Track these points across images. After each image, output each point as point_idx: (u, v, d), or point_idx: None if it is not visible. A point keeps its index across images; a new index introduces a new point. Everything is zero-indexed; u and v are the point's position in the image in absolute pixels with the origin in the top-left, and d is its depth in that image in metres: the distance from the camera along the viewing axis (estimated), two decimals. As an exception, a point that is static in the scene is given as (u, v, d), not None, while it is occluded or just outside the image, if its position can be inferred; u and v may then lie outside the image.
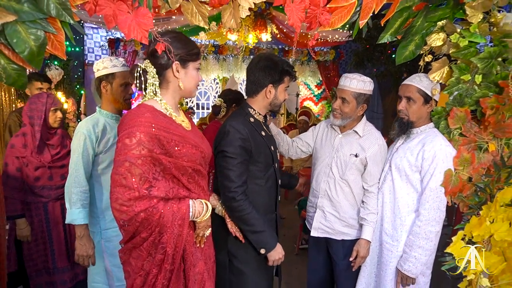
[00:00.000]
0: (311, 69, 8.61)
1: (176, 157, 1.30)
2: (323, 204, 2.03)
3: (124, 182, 1.19)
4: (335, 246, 2.04)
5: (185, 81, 1.37)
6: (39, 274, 2.39)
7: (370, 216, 1.91)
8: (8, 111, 4.28)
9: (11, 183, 2.24)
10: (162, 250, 1.27)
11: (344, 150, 1.97)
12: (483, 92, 1.68)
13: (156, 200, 1.23)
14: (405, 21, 1.61)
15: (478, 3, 1.49)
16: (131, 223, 1.22)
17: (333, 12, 1.49)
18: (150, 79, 1.33)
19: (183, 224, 1.29)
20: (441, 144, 1.73)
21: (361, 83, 1.88)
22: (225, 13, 1.42)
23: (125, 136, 1.22)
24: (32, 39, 1.20)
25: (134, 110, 1.31)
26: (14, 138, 2.31)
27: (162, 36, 1.30)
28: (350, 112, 1.91)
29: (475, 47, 1.63)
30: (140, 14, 1.25)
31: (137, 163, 1.20)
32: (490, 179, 1.71)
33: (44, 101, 2.29)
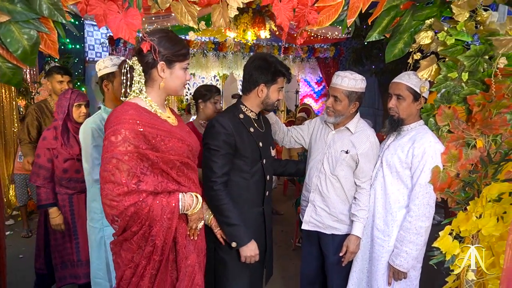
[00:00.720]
0: (311, 66, 8.62)
1: (162, 151, 1.33)
2: (314, 198, 2.07)
3: (113, 178, 1.22)
4: (325, 240, 2.08)
5: (170, 81, 1.39)
6: (64, 266, 2.45)
7: (361, 213, 1.94)
8: (8, 108, 4.33)
9: (43, 173, 2.33)
10: (152, 243, 1.31)
11: (335, 146, 2.00)
12: (470, 89, 1.71)
13: (145, 195, 1.26)
14: (392, 20, 1.63)
15: (464, 1, 1.52)
16: (121, 218, 1.25)
17: (321, 11, 1.52)
18: (136, 77, 1.36)
19: (173, 218, 1.32)
20: (431, 141, 1.76)
21: (352, 81, 1.89)
22: (215, 13, 1.45)
23: (111, 134, 1.25)
24: (25, 38, 1.23)
25: (119, 108, 1.33)
26: (46, 131, 2.41)
27: (151, 35, 1.32)
28: (342, 110, 1.94)
29: (462, 45, 1.65)
30: (129, 14, 1.29)
31: (123, 159, 1.23)
32: (477, 175, 1.74)
33: (68, 97, 2.37)
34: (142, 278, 1.34)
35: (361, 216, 1.94)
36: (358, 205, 1.96)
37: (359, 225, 1.94)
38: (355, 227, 1.95)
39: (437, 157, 1.75)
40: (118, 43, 6.90)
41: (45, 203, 2.34)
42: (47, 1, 1.22)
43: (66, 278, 2.46)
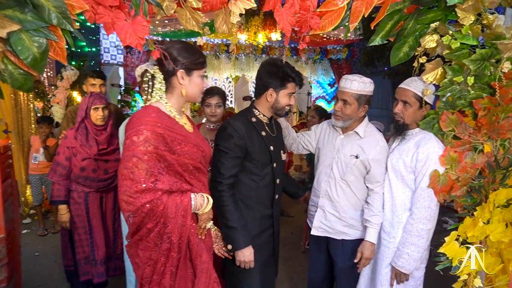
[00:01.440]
0: (324, 67, 8.58)
1: (178, 154, 1.39)
2: (323, 204, 2.05)
3: (132, 176, 1.27)
4: (334, 246, 2.06)
5: (188, 88, 1.47)
6: (87, 261, 2.52)
7: (374, 218, 1.91)
8: (26, 110, 4.47)
9: (60, 170, 2.41)
10: (168, 240, 1.35)
11: (344, 151, 1.98)
12: (477, 93, 1.69)
13: (160, 193, 1.31)
14: (396, 24, 1.63)
15: (469, 5, 1.50)
16: (137, 214, 1.30)
17: (323, 16, 1.53)
18: (157, 84, 1.43)
19: (186, 215, 1.38)
20: (434, 147, 1.77)
21: (361, 84, 1.87)
22: (218, 19, 1.48)
23: (133, 134, 1.30)
24: (35, 46, 1.29)
25: (141, 110, 1.41)
26: (69, 131, 2.51)
27: (170, 45, 1.41)
28: (351, 113, 1.91)
29: (468, 48, 1.63)
30: (136, 22, 1.33)
31: (143, 159, 1.28)
32: (485, 180, 1.72)
33: (86, 101, 2.45)
34: (163, 275, 1.38)
35: (374, 222, 1.91)
36: (371, 210, 1.93)
37: (373, 231, 1.91)
38: (369, 233, 1.92)
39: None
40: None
41: (56, 199, 2.42)
42: (55, 10, 1.27)
43: (89, 272, 2.52)
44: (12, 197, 2.13)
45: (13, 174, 2.18)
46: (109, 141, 2.52)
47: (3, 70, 1.29)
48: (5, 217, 1.91)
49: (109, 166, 2.49)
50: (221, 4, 1.43)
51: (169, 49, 1.42)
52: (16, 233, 2.21)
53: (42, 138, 3.81)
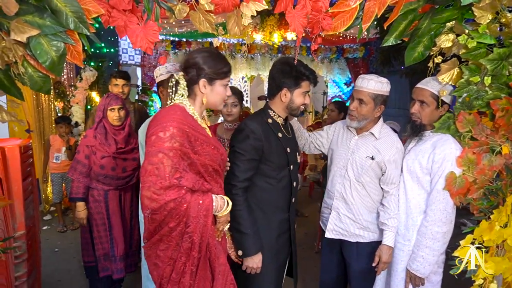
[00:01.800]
0: (340, 66, 8.50)
1: (200, 154, 1.40)
2: (338, 206, 2.02)
3: (157, 172, 1.26)
4: (349, 249, 2.02)
5: (210, 97, 1.49)
6: (106, 258, 2.58)
7: (391, 221, 1.88)
8: (47, 110, 4.61)
9: (79, 168, 2.48)
10: (190, 239, 1.34)
11: (360, 152, 1.94)
12: (495, 93, 1.64)
13: (184, 191, 1.31)
14: (410, 24, 1.60)
15: (486, 3, 1.47)
16: (159, 212, 1.28)
17: (336, 17, 1.52)
18: (180, 90, 1.46)
19: (208, 215, 1.37)
20: (451, 148, 1.73)
21: (378, 84, 1.84)
22: (230, 21, 1.49)
23: (159, 130, 1.31)
24: (53, 50, 1.33)
25: (168, 108, 1.43)
26: (89, 130, 2.58)
27: (196, 53, 1.45)
28: (367, 113, 1.88)
29: (485, 48, 1.59)
30: (148, 26, 1.36)
31: (169, 155, 1.28)
32: (502, 183, 1.67)
33: (103, 102, 2.52)
34: (183, 275, 1.37)
35: (391, 225, 1.88)
36: (387, 213, 1.89)
37: (390, 234, 1.88)
38: (386, 236, 1.89)
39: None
40: (150, 47, 7.10)
41: (74, 196, 2.49)
42: (73, 15, 1.31)
43: (108, 269, 2.59)
44: (33, 195, 2.21)
45: (33, 172, 2.26)
46: (127, 141, 2.57)
47: (23, 73, 1.34)
48: (26, 214, 1.98)
49: (127, 164, 2.55)
50: (233, 6, 1.44)
51: (194, 57, 1.44)
52: (36, 230, 2.29)
53: (65, 139, 3.92)
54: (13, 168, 1.88)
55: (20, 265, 1.92)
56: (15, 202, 1.90)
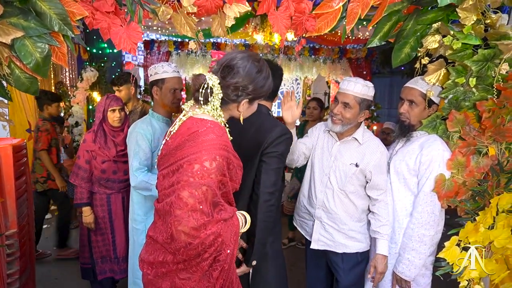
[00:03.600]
0: (343, 67, 8.46)
1: (233, 180, 1.29)
2: (320, 215, 1.94)
3: (200, 207, 1.12)
4: (335, 261, 1.95)
5: (244, 114, 1.34)
6: (104, 261, 2.59)
7: (383, 229, 1.81)
8: (49, 110, 4.65)
9: (81, 173, 2.49)
10: (220, 268, 1.22)
11: (343, 159, 1.86)
12: (481, 95, 1.64)
13: (221, 223, 1.19)
14: (395, 25, 1.60)
15: (470, 5, 1.46)
16: (197, 246, 1.14)
17: (319, 18, 1.53)
18: (214, 101, 1.24)
19: (236, 239, 1.26)
20: (439, 149, 1.72)
21: (365, 88, 1.77)
22: (214, 22, 1.51)
23: (206, 159, 1.14)
24: (38, 51, 1.36)
25: (212, 129, 1.21)
26: (87, 134, 2.57)
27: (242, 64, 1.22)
28: (351, 118, 1.80)
29: (471, 49, 1.59)
30: (131, 28, 1.38)
31: (213, 187, 1.15)
32: (488, 184, 1.67)
33: (103, 103, 2.51)
34: None
35: (384, 233, 1.81)
36: (379, 220, 1.83)
37: (383, 242, 1.81)
38: (380, 245, 1.81)
39: (445, 165, 1.71)
40: (153, 47, 7.18)
41: (79, 202, 2.49)
42: (57, 17, 1.34)
43: (106, 272, 2.60)
44: (27, 193, 2.24)
45: (28, 172, 2.30)
46: (125, 142, 2.53)
47: (8, 74, 1.37)
48: (18, 212, 2.02)
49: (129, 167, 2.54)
50: (216, 8, 1.45)
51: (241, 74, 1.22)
52: (31, 228, 2.33)
53: (60, 138, 3.96)
54: (5, 167, 1.91)
55: (12, 263, 1.95)
56: (7, 200, 1.93)
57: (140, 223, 2.03)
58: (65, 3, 1.35)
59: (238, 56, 1.24)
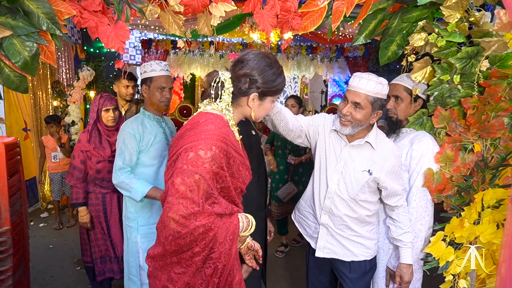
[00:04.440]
0: (340, 65, 8.48)
1: (235, 177, 1.28)
2: (327, 222, 1.79)
3: (190, 195, 1.12)
4: (341, 269, 1.84)
5: (256, 111, 1.32)
6: (103, 261, 2.59)
7: (405, 236, 1.69)
8: (45, 109, 4.68)
9: (76, 174, 2.49)
10: (213, 266, 1.22)
11: (354, 165, 1.68)
12: (466, 92, 1.66)
13: (214, 216, 1.18)
14: (380, 23, 1.62)
15: (453, 3, 1.48)
16: (185, 236, 1.14)
17: (305, 17, 1.55)
18: (225, 95, 1.27)
19: (234, 239, 1.24)
20: (429, 144, 1.74)
21: (379, 85, 1.55)
22: (200, 21, 1.53)
23: (201, 147, 1.15)
24: (26, 50, 1.38)
25: (212, 120, 1.23)
26: (81, 134, 2.55)
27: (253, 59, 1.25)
28: (362, 119, 1.59)
29: (455, 46, 1.61)
30: (118, 27, 1.40)
31: (206, 178, 1.14)
32: (474, 180, 1.69)
33: (97, 102, 2.48)
34: None
35: (406, 241, 1.69)
36: (399, 227, 1.71)
37: (407, 251, 1.70)
38: (403, 253, 1.70)
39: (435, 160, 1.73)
40: (150, 46, 7.20)
41: (75, 201, 2.50)
42: (45, 17, 1.36)
43: (105, 272, 2.60)
44: (20, 191, 2.26)
45: (21, 169, 2.31)
46: None
47: (-3, 72, 1.39)
48: (12, 210, 2.03)
49: None
50: (203, 7, 1.47)
51: (251, 65, 1.24)
52: (24, 226, 2.34)
53: (56, 137, 3.99)
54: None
55: (5, 260, 1.97)
56: (0, 198, 1.95)
57: (133, 221, 2.04)
58: (53, 2, 1.37)
59: (250, 51, 1.28)
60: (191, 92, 8.80)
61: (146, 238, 2.01)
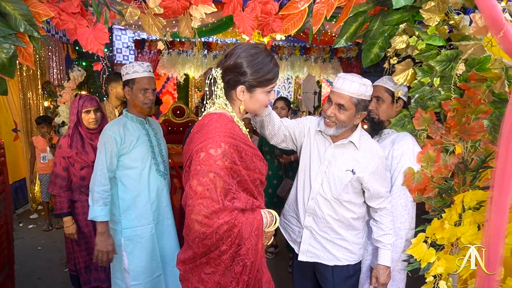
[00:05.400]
0: (333, 66, 8.50)
1: (250, 169, 1.27)
2: (310, 224, 1.78)
3: (208, 194, 1.13)
4: (323, 273, 1.82)
5: (249, 104, 1.31)
6: (88, 270, 2.49)
7: (386, 238, 1.70)
8: (35, 109, 4.65)
9: (59, 182, 2.35)
10: (242, 262, 1.22)
11: (338, 164, 1.69)
12: (446, 94, 1.67)
13: (236, 212, 1.19)
14: (361, 26, 1.63)
15: (432, 6, 1.49)
16: (211, 236, 1.14)
17: (285, 19, 1.55)
18: (217, 91, 1.29)
19: (259, 235, 1.24)
20: (409, 143, 1.76)
21: (363, 87, 1.57)
22: (181, 23, 1.53)
23: (210, 146, 1.16)
24: (3, 52, 1.36)
25: (216, 119, 1.25)
26: (62, 139, 2.40)
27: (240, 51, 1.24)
28: (346, 120, 1.62)
29: (435, 49, 1.62)
30: (97, 29, 1.39)
31: (221, 174, 1.15)
32: (455, 182, 1.70)
33: (76, 104, 2.35)
34: None
35: (386, 242, 1.70)
36: (380, 229, 1.71)
37: (386, 252, 1.70)
38: (381, 254, 1.71)
39: (415, 159, 1.75)
40: (143, 46, 7.18)
41: (59, 212, 2.36)
42: (22, 19, 1.35)
43: (91, 281, 2.52)
44: (5, 192, 2.25)
45: (6, 171, 2.30)
46: None
47: (-26, 74, 1.38)
48: (-5, 212, 2.02)
49: None
50: (183, 10, 1.47)
51: (237, 58, 1.24)
52: (9, 228, 2.33)
53: (47, 138, 3.96)
54: (-20, 167, 1.92)
55: (-12, 262, 1.97)
56: (-17, 200, 1.94)
57: (116, 223, 1.99)
58: (31, 4, 1.36)
59: (240, 44, 1.29)
60: (185, 92, 8.80)
61: (130, 241, 1.97)
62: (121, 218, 1.98)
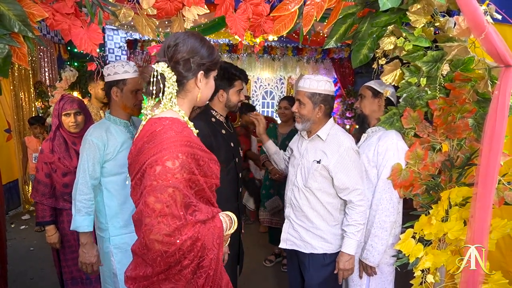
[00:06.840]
0: (326, 67, 8.57)
1: (208, 176, 1.20)
2: (289, 213, 1.97)
3: (169, 211, 1.04)
4: (302, 261, 1.96)
5: (204, 91, 1.26)
6: (74, 282, 2.35)
7: (350, 228, 1.81)
8: (28, 109, 4.63)
9: (41, 189, 2.20)
10: (205, 274, 1.17)
11: (308, 156, 1.90)
12: (433, 94, 1.72)
13: (198, 225, 1.12)
14: (350, 27, 1.67)
15: (418, 8, 1.54)
16: (174, 253, 1.07)
17: (276, 20, 1.59)
18: (168, 88, 1.16)
19: (221, 243, 1.20)
20: (393, 139, 1.83)
21: (314, 82, 1.81)
22: (174, 24, 1.55)
23: (167, 158, 1.06)
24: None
25: (169, 126, 1.13)
26: (44, 143, 2.26)
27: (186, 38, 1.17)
28: (307, 114, 1.84)
29: (422, 50, 1.67)
30: (91, 29, 1.41)
31: (180, 188, 1.07)
32: (441, 179, 1.75)
33: (57, 106, 2.20)
34: None
35: (349, 232, 1.80)
36: (346, 219, 1.84)
37: (349, 241, 1.81)
38: (345, 243, 1.82)
39: (399, 154, 1.81)
40: (136, 46, 7.16)
41: (41, 220, 2.22)
42: (16, 19, 1.36)
43: None
44: (-3, 194, 2.25)
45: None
46: None
47: (-32, 74, 1.39)
48: (-13, 212, 2.02)
49: None
50: (176, 11, 1.50)
51: (189, 43, 1.17)
52: (2, 228, 2.33)
53: (40, 138, 3.95)
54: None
55: (-20, 262, 1.97)
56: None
57: (104, 231, 1.87)
58: (25, 4, 1.37)
59: (177, 35, 1.20)
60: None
61: (119, 249, 1.87)
62: (109, 226, 1.86)
